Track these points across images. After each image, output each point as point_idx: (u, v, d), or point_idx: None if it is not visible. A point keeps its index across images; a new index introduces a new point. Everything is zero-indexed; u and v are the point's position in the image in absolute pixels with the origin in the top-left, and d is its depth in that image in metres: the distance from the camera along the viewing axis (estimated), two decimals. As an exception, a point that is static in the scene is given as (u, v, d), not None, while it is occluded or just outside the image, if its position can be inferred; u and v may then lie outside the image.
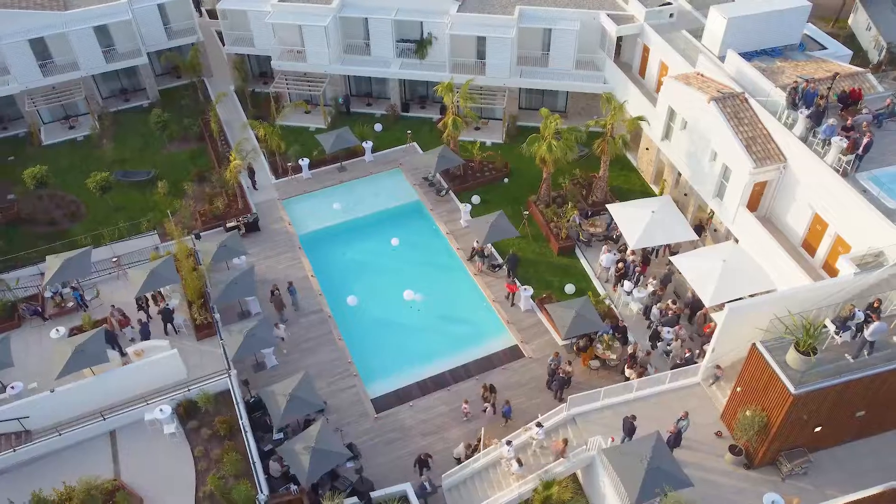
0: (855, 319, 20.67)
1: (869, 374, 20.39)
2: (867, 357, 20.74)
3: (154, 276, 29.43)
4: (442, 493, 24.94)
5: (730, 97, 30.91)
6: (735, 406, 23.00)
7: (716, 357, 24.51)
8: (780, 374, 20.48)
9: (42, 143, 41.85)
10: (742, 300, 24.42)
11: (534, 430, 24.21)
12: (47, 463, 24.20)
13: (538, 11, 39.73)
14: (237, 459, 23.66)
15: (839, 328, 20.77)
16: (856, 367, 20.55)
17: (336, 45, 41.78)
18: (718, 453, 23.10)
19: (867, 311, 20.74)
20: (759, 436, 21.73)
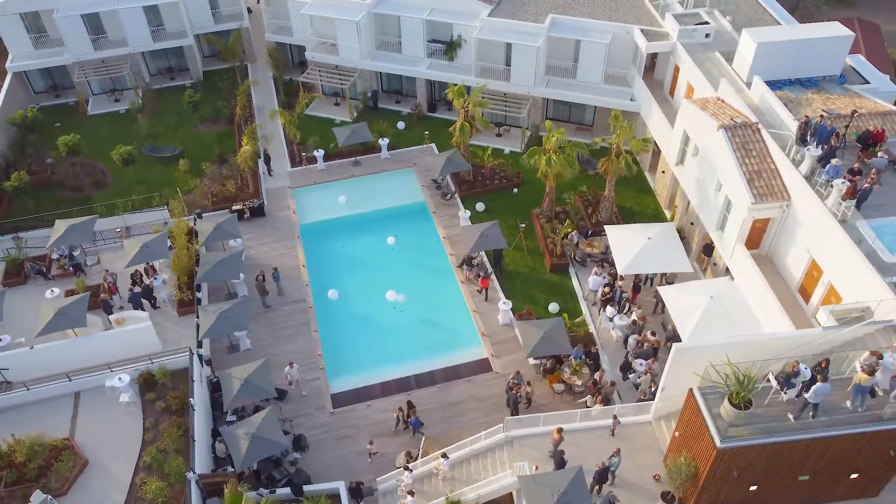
0: (801, 377, 19.27)
1: (805, 437, 18.99)
2: (811, 419, 19.31)
3: (145, 250, 30.74)
4: (377, 497, 24.98)
5: (741, 126, 29.33)
6: (673, 451, 21.92)
7: (666, 397, 23.39)
8: (710, 424, 19.37)
9: (87, 113, 44.29)
10: (687, 344, 23.21)
11: (440, 461, 23.91)
12: (12, 415, 25.63)
13: (570, 21, 38.86)
14: (179, 435, 24.39)
15: (782, 384, 19.42)
16: (794, 429, 19.18)
17: (368, 41, 42.21)
18: (651, 498, 22.10)
19: (815, 370, 19.30)
20: (688, 485, 20.64)
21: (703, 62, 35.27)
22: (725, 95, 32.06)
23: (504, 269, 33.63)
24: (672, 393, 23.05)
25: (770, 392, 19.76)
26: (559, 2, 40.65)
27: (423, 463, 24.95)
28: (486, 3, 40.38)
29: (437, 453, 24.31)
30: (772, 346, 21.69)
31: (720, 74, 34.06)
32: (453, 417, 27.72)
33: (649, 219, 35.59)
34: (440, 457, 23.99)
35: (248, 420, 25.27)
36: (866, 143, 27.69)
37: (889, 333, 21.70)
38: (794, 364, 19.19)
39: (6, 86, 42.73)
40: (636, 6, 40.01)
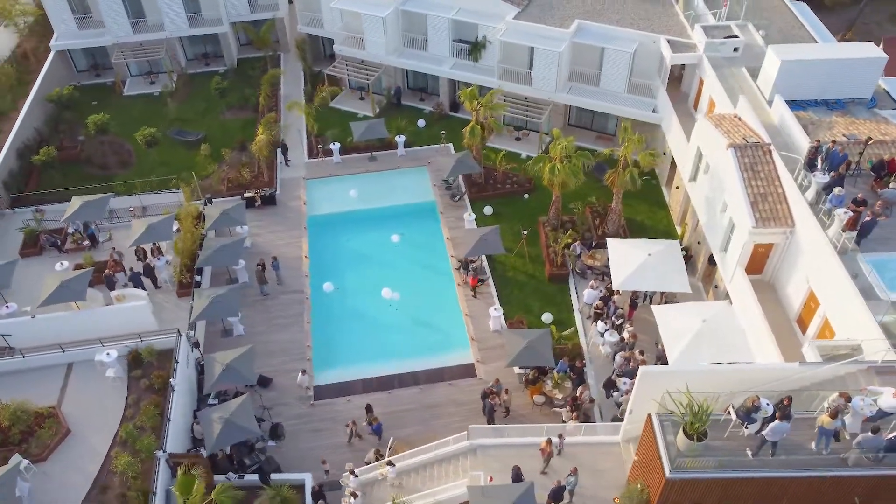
0: (761, 412, 18.54)
1: (761, 475, 18.28)
2: (770, 458, 18.57)
3: (150, 230, 31.68)
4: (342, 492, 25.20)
5: (752, 147, 28.33)
6: (633, 476, 21.41)
7: (633, 420, 22.81)
8: (662, 452, 18.85)
9: (123, 94, 45.84)
10: (654, 368, 22.58)
11: (386, 469, 23.90)
12: (6, 380, 26.82)
13: (595, 28, 38.16)
14: (155, 414, 25.12)
15: (742, 419, 18.71)
16: (750, 465, 18.49)
17: (395, 37, 42.36)
18: (608, 522, 21.67)
19: (777, 407, 18.54)
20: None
21: (727, 77, 34.19)
22: (743, 113, 31.00)
23: (502, 275, 33.36)
24: (639, 416, 22.45)
25: (730, 425, 19.07)
26: (588, 7, 39.96)
27: (369, 469, 25.04)
28: (514, 5, 40.01)
29: (383, 461, 24.34)
30: (743, 377, 20.90)
31: (743, 91, 32.98)
32: (430, 420, 27.71)
33: (660, 235, 34.75)
34: (386, 464, 24.02)
35: (224, 405, 25.81)
36: (880, 172, 26.39)
37: (871, 375, 20.65)
38: (754, 399, 18.45)
39: (48, 63, 44.50)
40: (667, 16, 39.01)
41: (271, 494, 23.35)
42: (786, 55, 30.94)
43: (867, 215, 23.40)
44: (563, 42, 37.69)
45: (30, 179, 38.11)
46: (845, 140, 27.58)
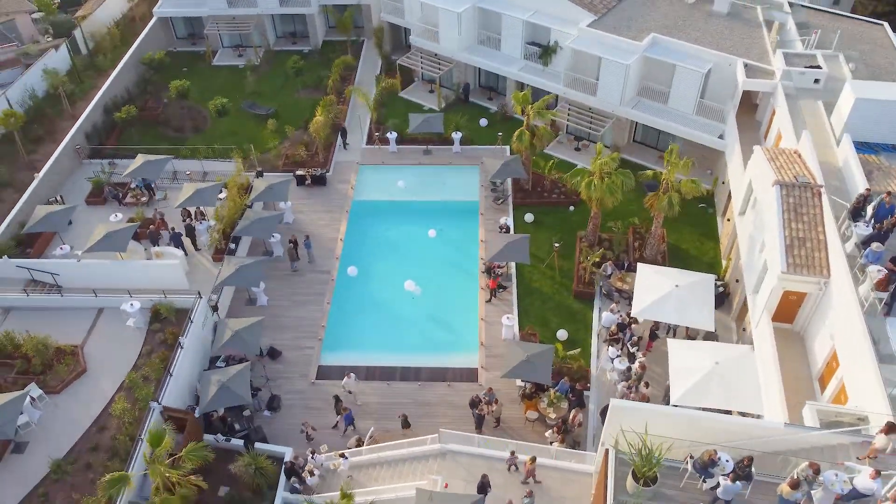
0: (719, 468, 17.40)
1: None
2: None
3: (197, 195, 33.41)
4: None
5: (800, 186, 26.44)
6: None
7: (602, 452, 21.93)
8: (609, 491, 18.07)
9: (212, 63, 48.36)
10: (626, 402, 21.52)
11: (339, 460, 24.26)
12: (43, 314, 29.25)
13: (669, 43, 36.58)
14: (160, 367, 26.63)
15: (699, 472, 17.63)
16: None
17: (469, 34, 42.35)
18: (561, 550, 21.05)
19: (737, 465, 17.32)
20: (587, 549, 19.44)
21: (801, 110, 31.95)
22: (805, 150, 28.91)
23: (528, 285, 32.84)
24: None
25: (686, 476, 18.02)
26: (669, 22, 38.36)
27: (327, 458, 25.39)
28: (591, 12, 38.98)
29: (337, 452, 24.65)
30: (720, 428, 19.65)
31: (815, 126, 30.80)
32: (421, 417, 27.76)
33: (702, 267, 33.04)
34: (339, 456, 24.32)
35: (224, 369, 26.98)
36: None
37: (864, 448, 18.88)
38: (711, 453, 17.32)
39: (148, 28, 47.63)
40: (753, 38, 36.88)
41: (247, 461, 24.23)
42: (862, 93, 28.59)
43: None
44: (633, 55, 36.39)
45: (111, 134, 41.00)
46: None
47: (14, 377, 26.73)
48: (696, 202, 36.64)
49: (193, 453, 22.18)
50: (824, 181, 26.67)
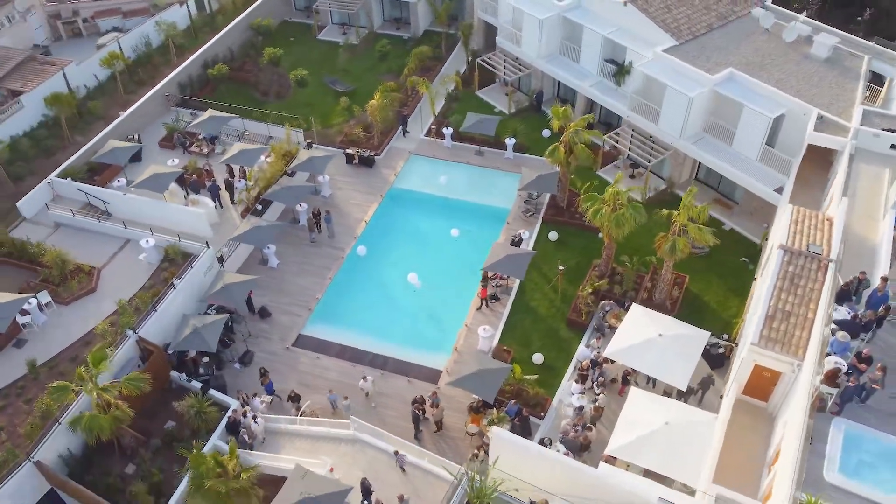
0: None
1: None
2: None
3: (241, 154, 35.85)
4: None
5: (806, 256, 23.95)
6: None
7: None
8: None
9: (317, 37, 51.05)
10: (505, 433, 20.62)
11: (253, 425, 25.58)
12: (80, 234, 32.94)
13: (745, 81, 33.87)
14: (149, 301, 29.13)
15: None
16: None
17: (551, 42, 41.59)
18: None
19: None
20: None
21: (861, 174, 28.69)
22: (837, 217, 25.96)
23: (526, 303, 32.15)
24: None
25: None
26: (757, 59, 35.55)
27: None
28: (674, 37, 36.91)
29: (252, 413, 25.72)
30: (586, 482, 18.54)
31: (869, 195, 27.63)
32: (369, 404, 28.24)
33: (719, 323, 30.75)
34: (253, 419, 25.35)
35: (203, 316, 29.01)
36: (943, 335, 20.69)
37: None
38: (543, 501, 16.45)
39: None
40: (844, 89, 33.47)
41: (190, 402, 26.04)
42: (919, 167, 25.21)
43: (851, 379, 18.72)
44: (701, 88, 34.12)
45: (203, 89, 44.65)
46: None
47: (36, 283, 30.38)
48: (738, 254, 34.08)
49: (131, 381, 24.20)
50: (843, 257, 23.92)
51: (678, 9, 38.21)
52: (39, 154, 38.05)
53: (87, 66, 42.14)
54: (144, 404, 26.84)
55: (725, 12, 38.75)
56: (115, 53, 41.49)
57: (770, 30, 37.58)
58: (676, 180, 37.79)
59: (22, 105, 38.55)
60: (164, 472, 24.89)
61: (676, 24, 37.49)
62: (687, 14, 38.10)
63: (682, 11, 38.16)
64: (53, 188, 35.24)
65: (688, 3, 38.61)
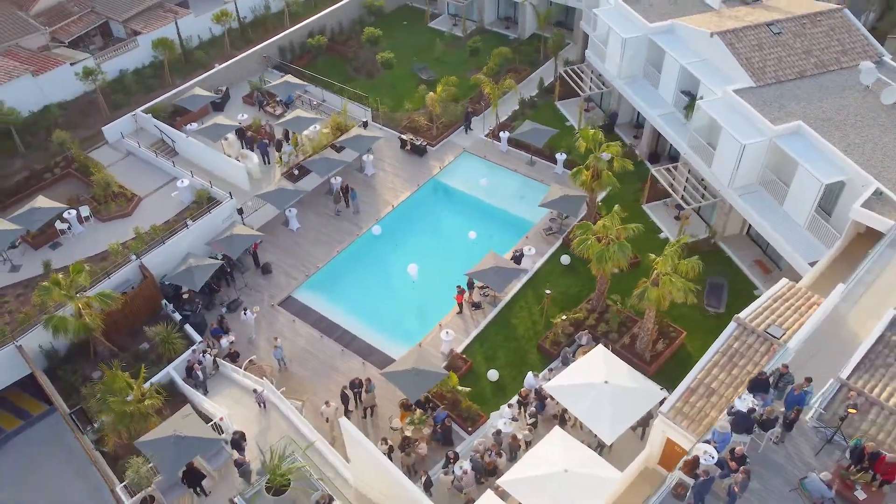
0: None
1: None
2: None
3: (296, 121, 38.17)
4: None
5: (759, 336, 21.72)
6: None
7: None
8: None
9: (427, 24, 52.37)
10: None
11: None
12: (139, 165, 37.13)
13: (811, 138, 30.47)
14: (162, 232, 32.28)
15: None
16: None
17: (633, 63, 39.69)
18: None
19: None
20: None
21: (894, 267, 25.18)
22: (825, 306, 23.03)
23: (508, 319, 31.56)
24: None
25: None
26: (841, 116, 31.65)
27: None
28: (753, 78, 33.85)
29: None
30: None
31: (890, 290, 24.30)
32: (315, 372, 29.54)
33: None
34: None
35: (202, 258, 31.57)
36: (858, 459, 17.84)
37: None
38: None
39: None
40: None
41: (159, 329, 28.69)
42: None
43: (706, 476, 16.78)
44: (759, 137, 31.22)
45: (303, 56, 47.61)
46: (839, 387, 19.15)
47: (85, 198, 34.66)
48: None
49: (103, 296, 27.19)
50: (811, 350, 21.37)
51: (771, 49, 34.92)
52: (141, 90, 42.85)
53: (204, 20, 46.52)
54: (133, 323, 29.98)
55: (827, 61, 34.81)
56: (226, 11, 45.41)
57: (870, 87, 33.29)
58: (721, 231, 34.86)
59: (137, 44, 43.60)
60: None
61: (762, 64, 34.32)
62: (779, 56, 34.72)
63: (775, 52, 34.83)
64: (137, 121, 39.68)
65: (786, 44, 35.16)
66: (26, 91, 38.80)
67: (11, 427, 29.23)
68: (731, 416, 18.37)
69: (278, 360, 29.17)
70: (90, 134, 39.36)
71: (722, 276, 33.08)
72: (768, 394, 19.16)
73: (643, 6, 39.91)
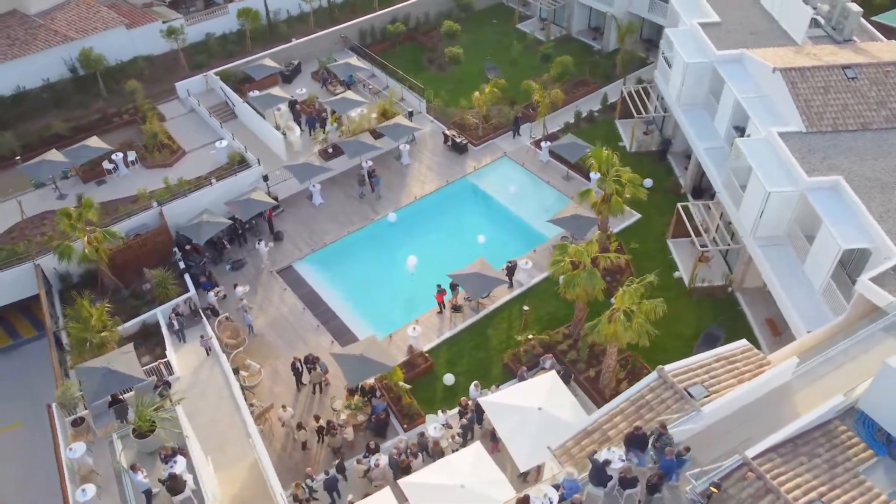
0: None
1: None
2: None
3: (342, 101, 39.72)
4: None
5: (676, 393, 20.31)
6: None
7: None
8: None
9: (515, 25, 51.99)
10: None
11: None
12: (196, 121, 40.52)
13: (846, 197, 27.54)
14: (185, 184, 34.76)
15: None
16: None
17: (695, 90, 37.36)
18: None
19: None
20: None
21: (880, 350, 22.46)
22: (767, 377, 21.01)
23: (484, 329, 31.18)
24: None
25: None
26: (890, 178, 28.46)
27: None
28: (807, 123, 30.92)
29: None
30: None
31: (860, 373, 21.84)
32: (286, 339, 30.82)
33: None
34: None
35: (216, 215, 33.58)
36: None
37: None
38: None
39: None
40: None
41: (157, 274, 31.00)
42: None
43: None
44: (788, 186, 28.70)
45: (382, 41, 48.89)
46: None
47: (139, 144, 37.89)
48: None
49: (106, 232, 29.78)
50: (718, 411, 19.79)
51: (838, 94, 31.78)
52: (222, 53, 45.86)
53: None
54: (142, 264, 32.53)
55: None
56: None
57: (941, 151, 29.51)
58: (738, 281, 32.32)
59: (227, 11, 46.67)
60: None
61: (822, 109, 31.32)
62: (845, 103, 31.54)
63: (841, 98, 31.66)
64: (207, 81, 42.68)
65: (858, 91, 31.88)
66: (119, 41, 42.82)
67: (2, 344, 32.41)
68: (591, 464, 17.36)
69: (248, 325, 30.58)
70: (167, 88, 42.74)
71: (726, 328, 30.74)
72: (645, 452, 17.88)
73: (720, 31, 37.59)
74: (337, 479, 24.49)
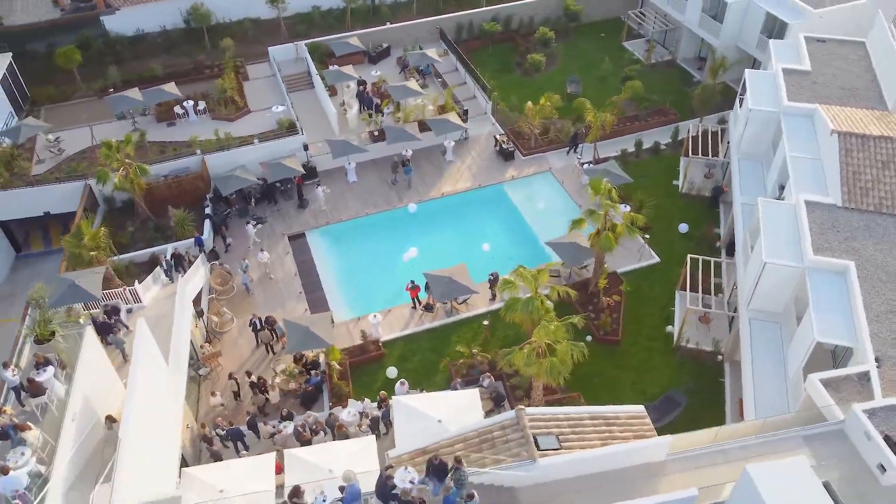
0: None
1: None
2: None
3: (401, 88, 40.69)
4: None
5: (524, 437, 19.55)
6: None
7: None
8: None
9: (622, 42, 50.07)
10: None
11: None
12: (273, 85, 43.63)
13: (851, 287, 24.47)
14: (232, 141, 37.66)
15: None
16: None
17: (757, 140, 34.18)
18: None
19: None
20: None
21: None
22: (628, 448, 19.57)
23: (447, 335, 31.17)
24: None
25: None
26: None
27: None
28: (844, 197, 27.51)
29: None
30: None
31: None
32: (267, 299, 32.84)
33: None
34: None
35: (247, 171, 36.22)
36: None
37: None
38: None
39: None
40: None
41: (178, 214, 34.14)
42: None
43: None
44: (788, 261, 25.92)
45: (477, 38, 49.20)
46: None
47: (212, 97, 41.47)
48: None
49: (139, 167, 33.22)
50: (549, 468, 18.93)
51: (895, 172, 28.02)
52: (322, 26, 48.45)
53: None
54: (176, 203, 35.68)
55: (966, 210, 26.88)
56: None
57: None
58: (727, 352, 29.60)
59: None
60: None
61: (868, 185, 27.82)
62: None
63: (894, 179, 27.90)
64: (297, 51, 45.61)
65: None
66: (232, 2, 46.90)
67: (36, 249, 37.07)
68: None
69: (245, 284, 32.80)
70: (263, 51, 46.19)
71: (693, 396, 28.47)
72: (443, 482, 17.45)
73: (804, 81, 34.28)
74: (242, 433, 26.00)
